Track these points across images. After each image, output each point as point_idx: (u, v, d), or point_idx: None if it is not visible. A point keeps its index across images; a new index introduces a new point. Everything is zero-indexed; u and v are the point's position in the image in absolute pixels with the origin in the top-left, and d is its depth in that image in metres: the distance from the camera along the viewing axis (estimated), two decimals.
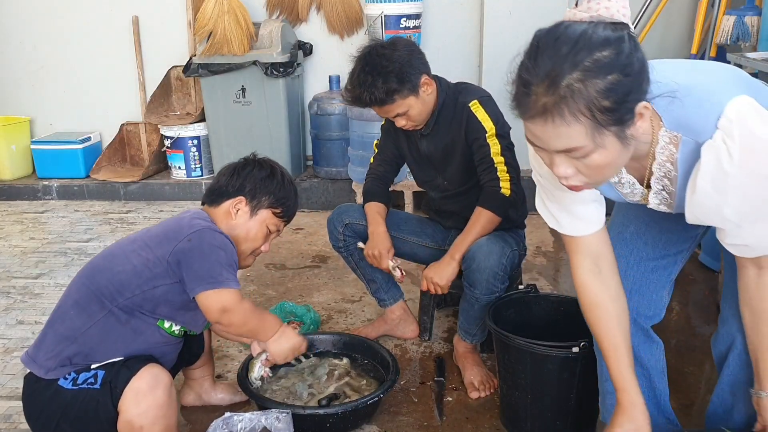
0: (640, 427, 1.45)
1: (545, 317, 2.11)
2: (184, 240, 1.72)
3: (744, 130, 1.19)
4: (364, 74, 2.10)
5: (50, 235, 3.94)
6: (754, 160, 1.19)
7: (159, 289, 1.72)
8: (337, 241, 2.43)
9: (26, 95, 4.90)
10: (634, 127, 1.17)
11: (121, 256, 1.76)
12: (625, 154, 1.20)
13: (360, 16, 4.35)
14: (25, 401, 1.73)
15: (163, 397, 1.65)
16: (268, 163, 1.95)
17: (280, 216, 1.92)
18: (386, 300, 2.53)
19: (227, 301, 1.72)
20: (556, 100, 1.11)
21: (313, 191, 4.32)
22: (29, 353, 1.74)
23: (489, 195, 2.20)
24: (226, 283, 1.71)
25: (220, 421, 1.79)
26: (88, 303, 1.71)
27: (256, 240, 1.90)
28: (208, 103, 4.29)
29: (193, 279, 1.70)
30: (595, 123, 1.12)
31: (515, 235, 2.30)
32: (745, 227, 1.27)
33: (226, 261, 1.74)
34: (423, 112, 2.20)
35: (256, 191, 1.88)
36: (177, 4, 4.55)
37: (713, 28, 3.94)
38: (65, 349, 1.69)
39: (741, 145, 1.19)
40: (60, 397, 1.66)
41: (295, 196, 1.97)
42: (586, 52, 1.10)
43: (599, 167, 1.18)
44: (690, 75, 1.31)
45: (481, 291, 2.13)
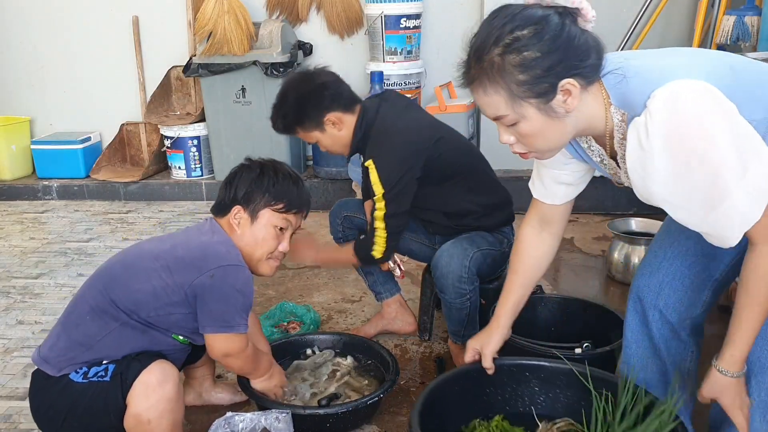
0: (493, 340, 1.69)
1: (550, 318, 2.11)
2: (207, 274, 1.69)
3: (668, 109, 1.20)
4: (276, 102, 2.25)
5: (50, 235, 3.94)
6: (673, 141, 1.21)
7: (174, 316, 1.74)
8: (336, 233, 2.49)
9: (26, 95, 4.90)
10: (560, 101, 1.25)
11: (141, 272, 1.73)
12: (557, 126, 1.29)
13: (360, 16, 4.35)
14: (32, 396, 1.73)
15: (172, 391, 1.66)
16: (256, 163, 1.91)
17: (283, 211, 1.86)
18: (383, 293, 2.54)
19: (232, 348, 1.77)
20: (479, 73, 1.26)
21: (313, 191, 4.32)
22: (41, 353, 1.74)
23: (363, 246, 2.23)
24: (237, 328, 1.74)
25: (221, 420, 1.80)
26: (104, 312, 1.71)
27: (267, 243, 1.85)
28: (208, 103, 4.29)
29: (207, 317, 1.72)
30: (512, 95, 1.25)
31: (494, 235, 2.28)
32: (693, 213, 1.27)
33: (242, 306, 1.75)
34: (335, 144, 2.26)
35: (249, 195, 1.84)
36: (177, 4, 4.55)
37: (713, 28, 3.94)
38: (79, 355, 1.70)
39: (659, 123, 1.21)
40: (70, 390, 1.67)
41: (296, 185, 1.90)
42: (509, 30, 1.23)
43: (529, 136, 1.31)
44: (655, 58, 1.33)
45: (450, 295, 2.16)
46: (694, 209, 1.26)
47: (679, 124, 1.20)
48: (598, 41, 1.28)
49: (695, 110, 1.19)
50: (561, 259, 3.38)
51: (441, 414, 1.61)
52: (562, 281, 3.16)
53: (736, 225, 1.24)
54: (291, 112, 2.19)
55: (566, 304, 2.17)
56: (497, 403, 1.71)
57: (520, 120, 1.28)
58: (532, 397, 1.72)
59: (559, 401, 1.69)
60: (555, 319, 2.12)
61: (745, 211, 1.22)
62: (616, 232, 2.98)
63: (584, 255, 3.40)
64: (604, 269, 3.15)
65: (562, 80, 1.24)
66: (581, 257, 3.38)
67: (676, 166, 1.22)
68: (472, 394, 1.70)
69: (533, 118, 1.27)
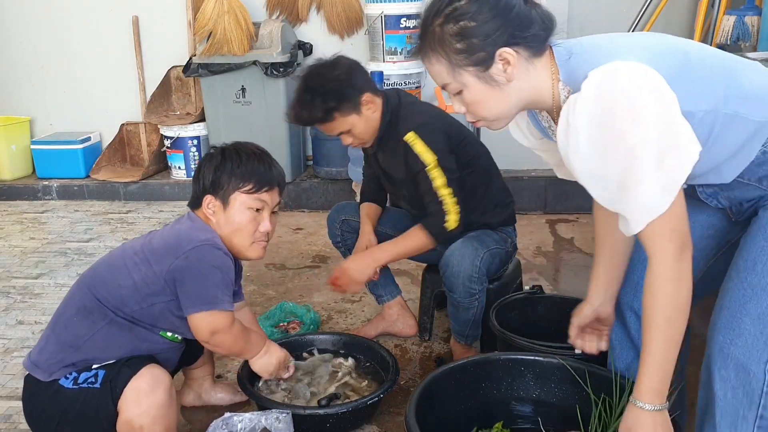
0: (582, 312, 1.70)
1: (550, 318, 2.11)
2: (182, 257, 1.68)
3: (599, 87, 1.21)
4: (304, 93, 2.13)
5: (50, 235, 3.94)
6: (598, 118, 1.21)
7: (157, 306, 1.72)
8: (335, 237, 2.49)
9: (26, 95, 4.90)
10: (499, 70, 1.28)
11: (123, 269, 1.74)
12: (499, 95, 1.31)
13: (360, 16, 4.35)
14: (25, 401, 1.73)
15: (163, 397, 1.65)
16: (218, 149, 1.85)
17: (254, 191, 1.79)
18: (384, 296, 2.54)
19: (218, 324, 1.71)
20: (424, 43, 1.33)
21: (313, 191, 4.32)
22: (32, 358, 1.74)
23: (432, 222, 2.15)
24: (220, 305, 1.70)
25: (219, 421, 1.79)
26: (91, 311, 1.71)
27: (246, 226, 1.80)
28: (208, 103, 4.29)
29: (187, 299, 1.69)
30: (452, 63, 1.30)
31: (498, 234, 2.29)
32: (608, 192, 1.26)
33: (222, 281, 1.71)
34: (367, 129, 2.21)
35: (216, 182, 1.79)
36: (177, 4, 4.55)
37: (713, 28, 3.94)
38: (68, 357, 1.69)
39: (588, 100, 1.21)
40: (60, 396, 1.66)
41: (262, 162, 1.83)
42: (449, 1, 1.28)
43: (472, 104, 1.34)
44: (609, 38, 1.33)
45: (460, 295, 2.15)
46: (609, 188, 1.26)
47: (606, 102, 1.20)
48: (548, 15, 1.30)
49: (625, 91, 1.19)
50: (561, 259, 3.38)
51: (437, 409, 1.62)
52: (562, 281, 3.15)
53: (642, 212, 1.23)
54: (330, 96, 2.11)
55: (566, 304, 2.16)
56: (492, 397, 1.73)
57: (462, 88, 1.32)
58: (527, 391, 1.73)
59: (554, 395, 1.71)
60: (555, 319, 2.11)
61: (653, 201, 1.22)
62: None
63: (584, 255, 3.40)
64: None
65: (499, 49, 1.26)
66: (581, 257, 3.38)
67: (597, 143, 1.22)
68: (468, 389, 1.71)
69: (473, 86, 1.31)
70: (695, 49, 1.33)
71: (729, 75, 1.29)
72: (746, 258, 1.32)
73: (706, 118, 1.25)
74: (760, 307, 1.28)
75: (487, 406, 1.72)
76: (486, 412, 1.72)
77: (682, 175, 1.20)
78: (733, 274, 1.35)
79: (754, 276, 1.30)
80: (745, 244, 1.34)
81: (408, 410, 1.51)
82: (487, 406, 1.72)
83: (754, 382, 1.29)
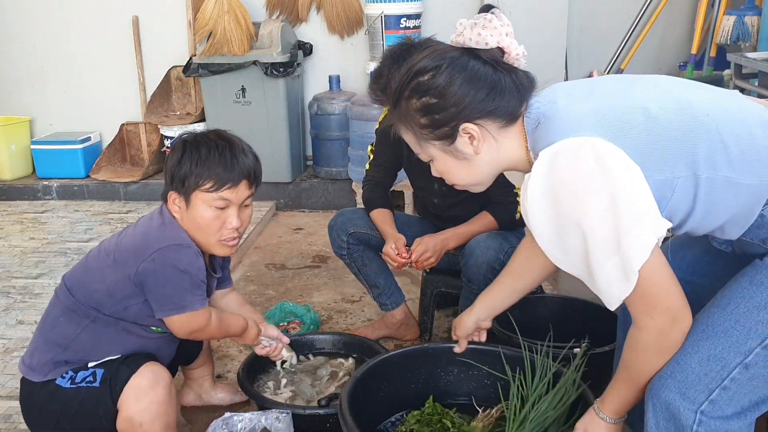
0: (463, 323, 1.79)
1: (550, 318, 2.11)
2: (148, 259, 1.64)
3: (545, 173, 1.19)
4: None
5: (50, 235, 3.94)
6: (548, 205, 1.19)
7: (131, 308, 1.71)
8: (340, 249, 2.42)
9: (26, 95, 4.90)
10: (465, 143, 1.28)
11: (96, 272, 1.72)
12: (468, 167, 1.32)
13: (360, 16, 4.35)
14: (23, 402, 1.74)
15: (163, 394, 1.65)
16: (178, 144, 1.72)
17: (214, 190, 1.66)
18: (388, 305, 2.52)
19: (193, 325, 1.72)
20: (393, 113, 1.35)
21: (313, 191, 4.32)
22: (24, 361, 1.75)
23: (503, 210, 2.23)
24: (191, 307, 1.68)
25: (219, 421, 1.79)
26: (74, 311, 1.71)
27: (211, 224, 1.69)
28: (208, 103, 4.29)
29: (157, 302, 1.68)
30: (416, 136, 1.32)
31: (516, 233, 2.30)
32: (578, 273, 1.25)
33: (191, 284, 1.67)
34: None
35: (177, 180, 1.68)
36: (177, 4, 4.55)
37: (713, 28, 3.95)
38: (58, 355, 1.70)
39: (537, 186, 1.20)
40: (59, 395, 1.67)
41: (223, 156, 1.67)
42: (414, 76, 1.28)
43: (445, 173, 1.37)
44: (578, 100, 1.25)
45: (479, 286, 2.13)
46: (576, 267, 1.25)
47: (554, 187, 1.18)
48: (523, 81, 1.27)
49: (572, 176, 1.16)
50: None
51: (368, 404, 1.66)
52: (562, 281, 3.15)
53: (610, 293, 1.21)
54: None
55: (566, 304, 2.17)
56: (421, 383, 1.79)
57: (431, 158, 1.35)
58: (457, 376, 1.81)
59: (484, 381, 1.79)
60: (555, 319, 2.11)
61: (616, 285, 1.19)
62: None
63: None
64: None
65: (462, 124, 1.25)
66: None
67: (554, 230, 1.22)
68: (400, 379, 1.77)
69: (440, 158, 1.33)
70: (671, 105, 1.22)
71: (712, 136, 1.19)
72: (723, 296, 1.27)
73: (686, 183, 1.18)
74: (714, 349, 1.23)
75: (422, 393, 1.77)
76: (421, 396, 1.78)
77: (641, 257, 1.15)
78: (705, 309, 1.30)
79: (722, 316, 1.25)
80: (731, 283, 1.29)
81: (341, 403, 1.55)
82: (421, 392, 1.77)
83: (684, 422, 1.25)
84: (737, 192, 1.19)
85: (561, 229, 1.20)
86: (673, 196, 1.19)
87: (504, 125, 1.27)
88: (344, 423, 1.48)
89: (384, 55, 2.10)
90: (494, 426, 1.65)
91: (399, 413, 1.79)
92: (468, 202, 2.32)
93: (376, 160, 2.44)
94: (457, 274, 2.31)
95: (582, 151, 1.16)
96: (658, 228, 1.16)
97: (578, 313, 2.15)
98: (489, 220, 2.24)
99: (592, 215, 1.15)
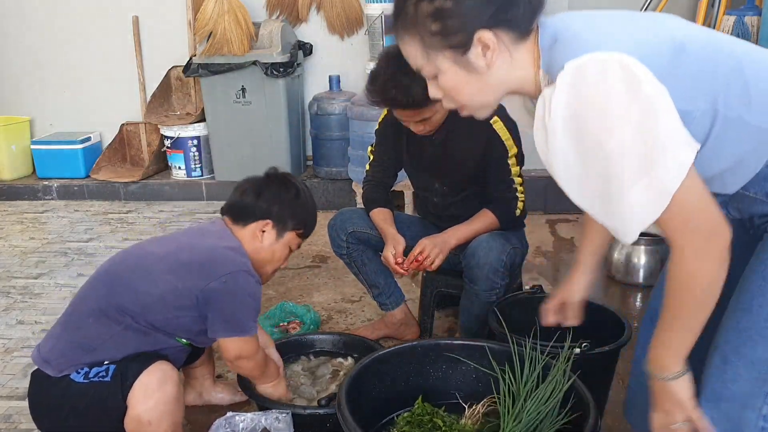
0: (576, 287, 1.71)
1: None
2: (219, 280, 1.70)
3: (571, 87, 1.08)
4: (401, 75, 1.96)
5: (50, 235, 3.94)
6: (572, 124, 1.09)
7: (182, 319, 1.74)
8: (340, 248, 2.41)
9: (26, 95, 4.90)
10: (478, 55, 1.16)
11: (146, 275, 1.73)
12: (478, 82, 1.20)
13: (360, 16, 4.35)
14: (32, 396, 1.73)
15: (172, 392, 1.67)
16: (293, 183, 1.93)
17: (302, 236, 1.94)
18: (388, 305, 2.52)
19: (246, 351, 1.78)
20: (397, 22, 1.21)
21: (313, 191, 4.24)
22: (42, 353, 1.73)
23: (503, 207, 2.23)
24: (249, 332, 1.76)
25: (222, 420, 1.80)
26: (107, 315, 1.70)
27: (281, 261, 1.92)
28: (208, 103, 4.29)
29: (219, 323, 1.73)
30: (424, 45, 1.18)
31: (516, 233, 2.31)
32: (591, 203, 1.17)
33: (254, 309, 1.77)
34: (444, 117, 2.17)
35: (283, 214, 1.87)
36: (177, 4, 4.55)
37: (713, 28, 3.95)
38: (81, 357, 1.69)
39: (561, 103, 1.09)
40: (70, 390, 1.67)
41: (315, 214, 1.98)
42: None
43: (450, 90, 1.23)
44: (598, 22, 1.19)
45: (482, 287, 2.14)
46: (592, 199, 1.16)
47: (579, 106, 1.08)
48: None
49: (599, 92, 1.06)
50: (561, 259, 3.38)
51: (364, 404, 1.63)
52: (562, 281, 3.15)
53: (633, 222, 1.13)
54: None
55: None
56: (411, 382, 1.76)
57: (437, 73, 1.21)
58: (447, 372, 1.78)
59: (473, 375, 1.76)
60: None
61: (642, 211, 1.11)
62: None
63: None
64: (604, 269, 3.15)
65: (478, 32, 1.14)
66: None
67: (574, 153, 1.12)
68: (390, 378, 1.74)
69: (449, 71, 1.20)
70: (697, 38, 1.17)
71: (734, 73, 1.14)
72: (743, 296, 1.23)
73: (704, 118, 1.12)
74: (755, 352, 1.20)
75: (412, 392, 1.74)
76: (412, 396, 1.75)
77: (677, 176, 1.08)
78: (728, 314, 1.25)
79: (750, 318, 1.21)
80: (745, 280, 1.24)
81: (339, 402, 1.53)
82: (411, 391, 1.75)
83: (744, 428, 1.22)
84: (748, 134, 1.15)
85: (583, 155, 1.11)
86: (689, 130, 1.11)
87: (518, 39, 1.17)
88: (344, 422, 1.48)
89: (380, 56, 2.10)
90: (482, 421, 1.65)
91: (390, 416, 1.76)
92: (467, 201, 2.32)
93: (376, 160, 2.44)
94: (457, 274, 2.31)
95: (610, 64, 1.07)
96: (692, 146, 1.10)
97: None
98: (490, 218, 2.23)
99: (622, 133, 1.06)
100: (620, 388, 2.14)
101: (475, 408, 1.66)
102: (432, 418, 1.65)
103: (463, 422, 1.63)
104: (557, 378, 1.56)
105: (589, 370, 1.78)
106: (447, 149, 2.26)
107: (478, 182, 2.28)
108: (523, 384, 1.60)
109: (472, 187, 2.30)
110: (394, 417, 1.70)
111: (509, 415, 1.56)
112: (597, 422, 1.43)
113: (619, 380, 2.12)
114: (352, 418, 1.45)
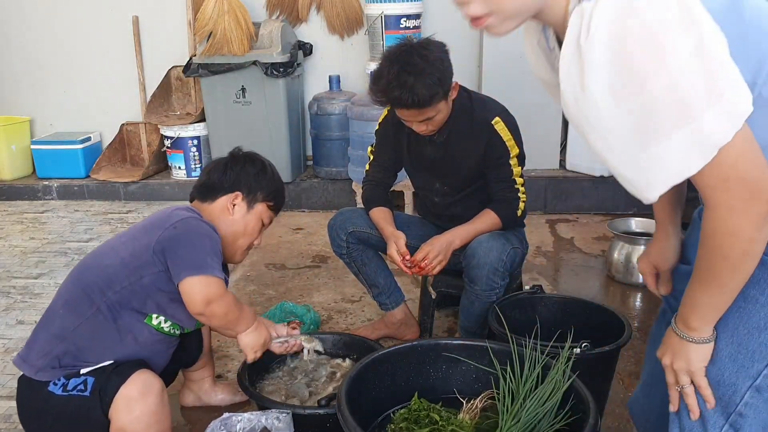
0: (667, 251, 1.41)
1: (550, 318, 2.11)
2: (170, 227, 1.71)
3: (621, 4, 0.94)
4: (405, 75, 1.96)
5: (50, 235, 3.94)
6: (617, 50, 0.94)
7: (146, 278, 1.70)
8: (340, 248, 2.41)
9: (26, 95, 4.90)
10: None
11: (109, 251, 1.77)
12: None
13: (360, 16, 4.35)
14: (19, 404, 1.73)
15: (154, 403, 1.63)
16: (258, 158, 1.99)
17: (272, 209, 1.97)
18: (388, 304, 2.52)
19: (212, 292, 1.67)
20: None
21: (313, 191, 4.32)
22: (21, 354, 1.73)
23: (505, 207, 2.24)
24: (212, 270, 1.68)
25: (218, 421, 1.79)
26: (77, 301, 1.71)
27: (253, 234, 1.93)
28: (208, 103, 4.29)
29: (179, 265, 1.67)
30: None
31: (516, 234, 2.31)
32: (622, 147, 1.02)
33: (212, 249, 1.72)
34: (446, 117, 2.16)
35: (252, 186, 1.91)
36: (177, 4, 4.56)
37: None
38: (55, 348, 1.67)
39: (604, 22, 0.95)
40: (51, 402, 1.65)
41: (284, 188, 2.03)
42: None
43: None
44: None
45: (482, 287, 2.14)
46: (624, 143, 1.00)
47: (625, 27, 0.93)
48: None
49: (653, 13, 0.92)
50: (561, 259, 3.38)
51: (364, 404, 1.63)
52: (562, 281, 3.16)
53: (664, 175, 1.00)
54: (435, 79, 1.99)
55: (566, 304, 2.17)
56: (411, 382, 1.75)
57: None
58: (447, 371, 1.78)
59: (472, 375, 1.76)
60: (555, 319, 2.11)
61: (679, 164, 0.97)
62: (616, 232, 2.98)
63: (584, 255, 3.40)
64: (604, 269, 3.15)
65: None
66: (581, 257, 3.38)
67: (610, 82, 0.96)
68: (390, 378, 1.73)
69: None
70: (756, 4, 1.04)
71: None
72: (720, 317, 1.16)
73: None
74: (722, 374, 1.16)
75: (412, 392, 1.74)
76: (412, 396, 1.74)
77: (727, 131, 0.93)
78: None
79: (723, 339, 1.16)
80: None
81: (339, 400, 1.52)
82: (411, 391, 1.74)
83: (734, 397, 1.16)
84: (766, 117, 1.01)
85: (622, 79, 0.95)
86: None
87: None
88: (344, 422, 1.48)
89: (383, 56, 2.10)
90: (480, 417, 1.65)
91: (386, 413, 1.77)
92: (468, 201, 2.32)
93: (376, 160, 2.44)
94: (457, 274, 2.31)
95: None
96: (749, 97, 0.95)
97: (578, 313, 2.15)
98: (492, 218, 2.24)
99: (672, 65, 0.92)
100: (620, 388, 2.14)
101: (473, 403, 1.66)
102: (429, 413, 1.65)
103: (460, 417, 1.63)
104: (557, 378, 1.56)
105: (589, 370, 1.78)
106: (448, 149, 2.26)
107: (479, 182, 2.28)
108: (523, 384, 1.60)
109: (473, 186, 2.31)
110: (391, 414, 1.70)
111: (508, 414, 1.56)
112: (597, 422, 1.43)
113: (619, 380, 2.12)
114: (352, 418, 1.45)
